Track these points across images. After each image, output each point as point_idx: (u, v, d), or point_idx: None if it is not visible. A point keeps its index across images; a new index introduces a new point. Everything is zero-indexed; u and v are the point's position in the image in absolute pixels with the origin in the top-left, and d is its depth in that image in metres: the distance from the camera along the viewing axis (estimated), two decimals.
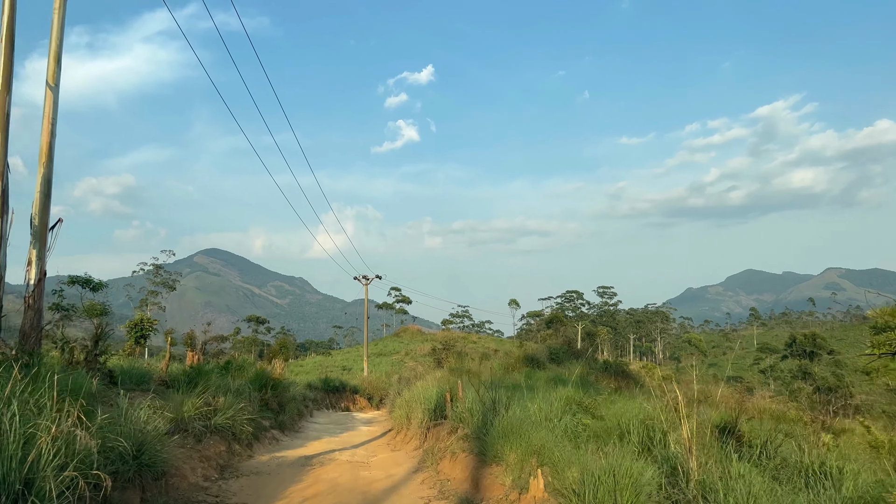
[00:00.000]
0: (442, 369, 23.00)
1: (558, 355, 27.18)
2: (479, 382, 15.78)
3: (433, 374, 20.46)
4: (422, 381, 18.89)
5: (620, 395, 12.60)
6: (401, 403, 15.93)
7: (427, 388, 15.92)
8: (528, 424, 7.96)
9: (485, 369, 22.17)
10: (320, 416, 21.44)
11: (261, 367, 15.47)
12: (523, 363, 24.45)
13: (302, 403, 19.16)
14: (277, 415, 15.03)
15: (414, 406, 14.77)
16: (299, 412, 17.50)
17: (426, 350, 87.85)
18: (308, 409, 19.95)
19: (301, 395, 19.88)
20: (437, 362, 24.38)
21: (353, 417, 21.27)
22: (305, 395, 21.54)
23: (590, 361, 25.97)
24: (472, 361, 23.80)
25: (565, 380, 20.16)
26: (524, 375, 19.93)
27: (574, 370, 24.80)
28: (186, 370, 12.62)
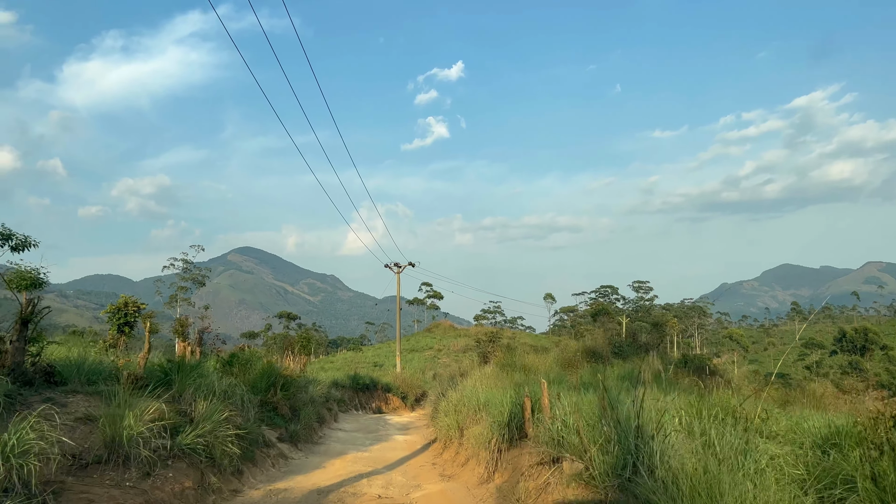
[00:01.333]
0: (489, 365, 19.47)
1: (622, 349, 23.47)
2: (551, 380, 12.28)
3: (480, 371, 16.93)
4: (470, 379, 15.39)
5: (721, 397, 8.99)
6: (446, 408, 12.47)
7: (480, 388, 12.38)
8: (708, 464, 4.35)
9: (541, 364, 18.58)
10: (347, 420, 18.12)
11: (268, 362, 12.21)
12: (584, 358, 20.77)
13: (324, 406, 15.82)
14: (289, 422, 11.67)
15: (465, 412, 11.28)
16: (319, 417, 14.16)
17: (459, 346, 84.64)
18: (332, 412, 16.60)
19: (323, 396, 16.55)
20: (483, 357, 20.77)
21: (385, 422, 17.88)
22: (329, 395, 18.22)
23: (661, 356, 22.22)
24: (524, 356, 20.26)
25: (645, 379, 16.46)
26: (590, 372, 16.39)
27: (645, 366, 21.02)
28: (163, 365, 9.33)
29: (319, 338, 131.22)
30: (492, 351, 20.55)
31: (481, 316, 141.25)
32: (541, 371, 18.04)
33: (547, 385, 9.48)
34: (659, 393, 10.01)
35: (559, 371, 18.68)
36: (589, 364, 19.93)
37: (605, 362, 20.46)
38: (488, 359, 20.70)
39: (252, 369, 12.30)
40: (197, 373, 8.89)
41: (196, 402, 7.96)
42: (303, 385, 13.87)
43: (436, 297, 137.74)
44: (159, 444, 6.59)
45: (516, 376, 15.45)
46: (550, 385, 12.35)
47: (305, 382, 15.07)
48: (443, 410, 12.86)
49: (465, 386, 13.67)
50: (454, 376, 17.33)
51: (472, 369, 20.41)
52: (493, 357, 20.47)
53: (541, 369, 18.13)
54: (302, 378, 13.43)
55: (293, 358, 17.77)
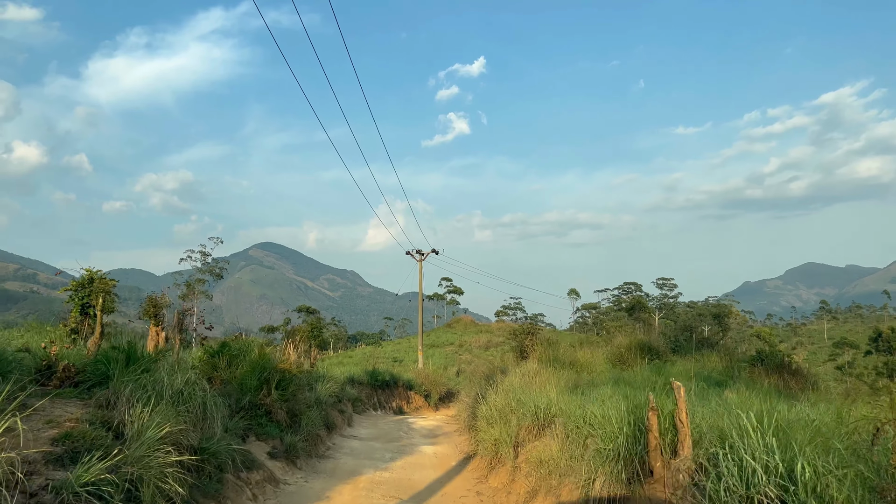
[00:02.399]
0: (529, 361, 16.62)
1: (680, 344, 20.42)
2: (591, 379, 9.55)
3: (521, 367, 14.05)
4: (512, 377, 12.57)
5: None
6: (488, 414, 9.67)
7: (536, 389, 9.55)
8: None
9: (595, 361, 15.69)
10: (364, 422, 15.40)
11: (259, 353, 9.48)
12: (638, 353, 17.81)
13: (335, 407, 13.11)
14: (285, 431, 8.94)
15: (517, 421, 8.47)
16: (329, 423, 11.42)
17: (481, 342, 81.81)
18: (345, 414, 13.88)
19: (335, 396, 13.82)
20: (520, 352, 17.85)
21: (408, 426, 15.11)
22: (343, 393, 15.52)
23: (728, 351, 19.13)
24: (570, 350, 17.37)
25: (715, 378, 13.51)
26: (652, 370, 13.53)
27: (709, 362, 17.94)
28: (106, 355, 6.64)
29: (339, 332, 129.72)
30: (530, 345, 17.59)
31: (502, 312, 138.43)
32: (594, 368, 15.17)
33: (651, 388, 6.67)
34: (749, 396, 7.16)
35: (611, 368, 15.84)
36: (644, 361, 17.01)
37: (663, 359, 17.46)
38: (527, 354, 17.77)
39: (244, 363, 9.61)
40: (144, 366, 6.16)
41: (133, 408, 5.24)
42: (307, 382, 11.15)
43: (456, 293, 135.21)
44: (49, 482, 3.88)
45: (566, 374, 12.62)
46: (615, 386, 9.52)
47: (311, 379, 12.37)
48: (484, 417, 10.05)
49: (511, 386, 10.83)
50: (492, 373, 14.47)
51: (510, 365, 17.55)
52: (533, 352, 17.58)
53: (595, 366, 15.25)
54: (304, 374, 10.67)
55: (297, 350, 15.09)
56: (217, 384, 9.59)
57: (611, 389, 8.93)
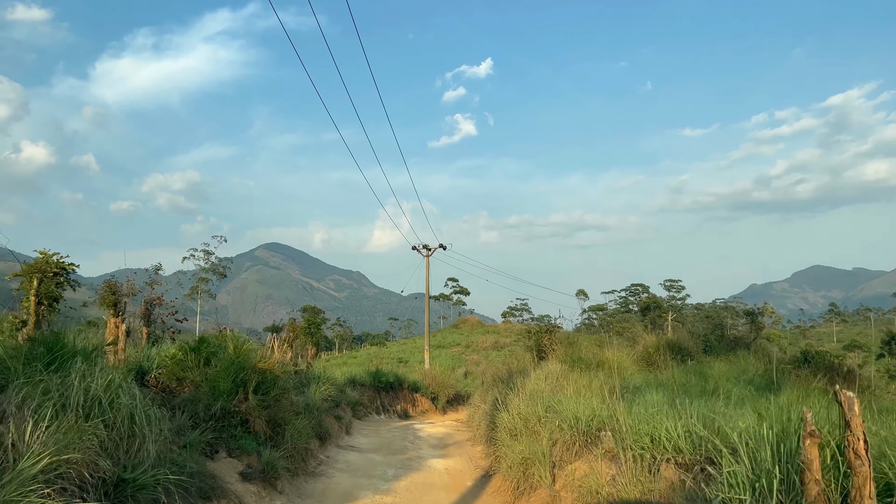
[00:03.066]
0: (549, 361, 14.96)
1: (710, 343, 18.71)
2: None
3: (543, 368, 12.37)
4: (536, 380, 10.90)
5: None
6: (511, 424, 8.03)
7: (569, 395, 7.88)
8: None
9: (625, 361, 14.01)
10: (365, 429, 13.75)
11: (234, 350, 7.80)
12: (667, 353, 16.12)
13: (331, 413, 11.46)
14: (265, 445, 7.30)
15: (548, 434, 6.82)
16: (322, 432, 9.77)
17: (489, 343, 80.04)
18: (343, 420, 12.22)
19: (331, 399, 12.17)
20: (538, 351, 16.14)
21: (415, 434, 13.44)
22: (341, 397, 13.88)
23: (764, 352, 17.42)
24: (593, 350, 15.68)
25: (757, 382, 11.76)
26: (684, 372, 11.93)
27: (746, 364, 16.12)
28: (29, 350, 5.02)
29: (344, 333, 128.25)
30: (548, 344, 15.89)
31: (508, 313, 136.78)
32: (625, 370, 13.48)
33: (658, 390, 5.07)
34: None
35: (638, 370, 14.19)
36: (674, 362, 15.31)
37: (696, 360, 15.77)
38: (545, 353, 16.07)
39: (218, 361, 7.98)
40: (60, 364, 4.53)
41: (24, 424, 3.61)
42: (297, 385, 9.53)
43: (462, 293, 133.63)
44: None
45: (597, 377, 10.93)
46: (649, 390, 7.84)
47: (304, 381, 10.73)
48: (505, 427, 8.40)
49: (536, 390, 9.17)
50: (511, 374, 12.79)
51: (527, 366, 15.89)
52: (552, 352, 15.90)
53: (626, 368, 13.56)
54: (294, 374, 8.99)
55: (290, 348, 13.46)
56: (188, 388, 7.98)
57: (659, 396, 7.29)
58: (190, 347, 8.96)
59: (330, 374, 16.76)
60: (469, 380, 37.77)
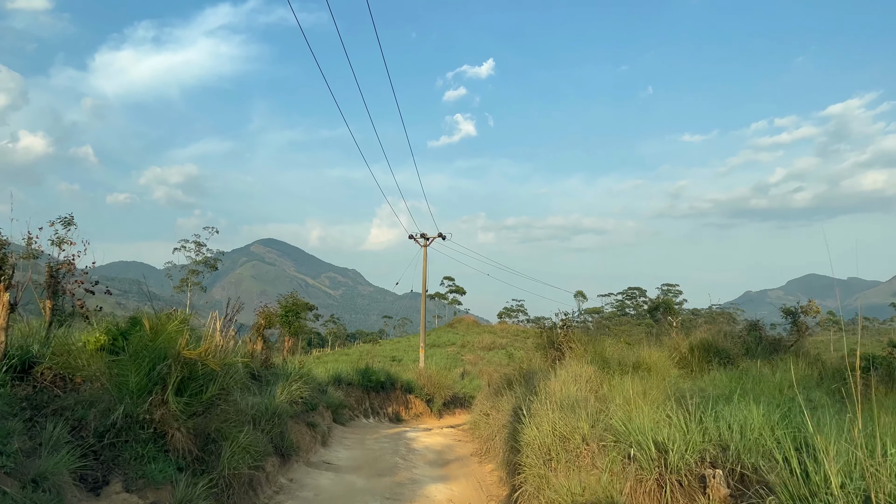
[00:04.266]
0: (569, 361, 12.61)
1: (748, 345, 16.43)
2: None
3: (568, 369, 9.99)
4: (565, 384, 8.55)
5: None
6: (543, 445, 5.68)
7: (638, 408, 5.57)
8: None
9: (663, 363, 11.69)
10: (347, 438, 11.36)
11: (154, 330, 5.48)
12: (702, 357, 13.84)
13: (302, 420, 9.06)
14: (187, 470, 4.92)
15: (597, 464, 4.49)
16: (285, 447, 7.36)
17: (485, 343, 77.73)
18: (318, 428, 9.81)
19: (304, 403, 9.77)
20: (553, 350, 13.76)
21: (407, 445, 11.03)
22: (319, 398, 11.49)
23: (813, 356, 15.15)
24: (620, 348, 13.32)
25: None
26: (729, 379, 9.73)
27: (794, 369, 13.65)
28: None
29: (338, 330, 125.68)
30: (565, 341, 13.51)
31: (504, 313, 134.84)
32: (666, 373, 11.15)
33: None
34: None
35: (683, 375, 11.91)
36: (712, 365, 13.04)
37: (736, 363, 13.42)
38: (562, 351, 13.69)
39: (131, 345, 5.62)
40: None
41: None
42: (262, 383, 7.16)
43: (458, 292, 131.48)
44: None
45: (642, 382, 8.60)
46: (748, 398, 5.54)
47: (269, 379, 8.35)
48: (532, 444, 6.07)
49: (570, 395, 6.84)
50: (529, 375, 10.41)
51: (541, 366, 13.52)
52: (570, 350, 13.54)
53: (668, 370, 11.24)
54: (234, 368, 6.56)
55: (256, 338, 11.12)
56: (96, 384, 5.61)
57: (758, 411, 5.01)
58: (114, 329, 6.65)
59: (311, 370, 14.39)
60: (467, 381, 35.39)
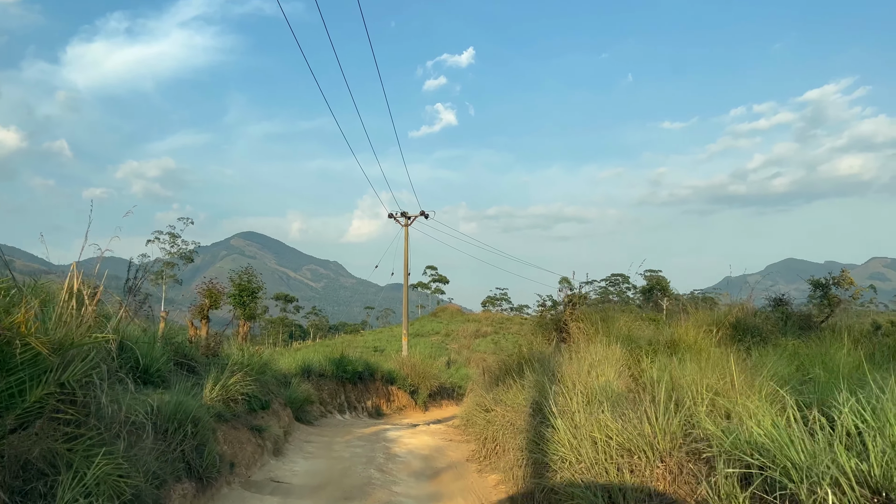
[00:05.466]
0: (577, 342, 10.52)
1: (777, 324, 14.59)
2: None
3: (591, 351, 7.86)
4: (584, 368, 6.42)
5: None
6: (588, 458, 3.57)
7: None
8: None
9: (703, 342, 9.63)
10: (311, 442, 9.15)
11: None
12: (732, 335, 11.81)
13: (244, 423, 6.81)
14: None
15: None
16: (205, 467, 5.13)
17: (469, 331, 75.95)
18: (267, 433, 7.56)
19: (250, 401, 7.52)
20: (556, 330, 11.65)
21: (387, 447, 8.84)
22: (275, 394, 9.25)
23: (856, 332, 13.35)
24: (639, 326, 11.28)
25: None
26: (794, 358, 7.60)
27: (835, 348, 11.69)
28: None
29: (320, 322, 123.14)
30: (572, 320, 11.37)
31: (488, 301, 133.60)
32: (705, 353, 9.09)
33: None
34: None
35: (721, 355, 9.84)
36: (740, 345, 10.91)
37: (770, 342, 11.34)
38: (568, 331, 11.58)
39: None
40: None
41: None
42: (192, 376, 4.93)
43: (441, 281, 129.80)
44: None
45: (693, 365, 6.55)
46: None
47: (214, 368, 6.13)
48: (572, 460, 3.94)
49: (607, 387, 4.72)
50: (543, 358, 8.24)
51: (546, 350, 11.41)
52: (579, 330, 11.47)
53: (706, 351, 9.18)
54: (101, 346, 4.37)
55: (199, 320, 8.90)
56: None
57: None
58: None
59: (273, 360, 12.11)
60: (453, 369, 33.30)
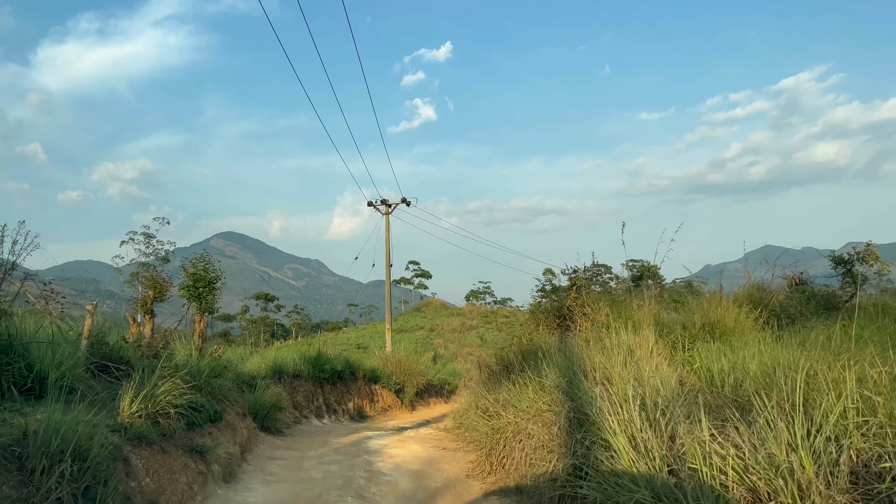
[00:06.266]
0: (585, 330, 9.09)
1: (801, 305, 13.38)
2: None
3: (613, 338, 6.40)
4: (617, 365, 4.95)
5: None
6: None
7: None
8: None
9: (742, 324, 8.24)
10: (276, 458, 7.59)
11: None
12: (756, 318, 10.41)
13: (181, 446, 5.20)
14: None
15: None
16: None
17: (454, 325, 74.52)
18: (210, 456, 5.95)
19: (190, 415, 5.91)
20: (556, 318, 10.15)
21: (368, 462, 7.30)
22: (232, 401, 7.65)
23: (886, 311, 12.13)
24: (658, 310, 9.87)
25: None
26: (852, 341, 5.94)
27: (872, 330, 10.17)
28: None
29: (302, 321, 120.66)
30: (577, 306, 9.90)
31: (472, 295, 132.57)
32: (746, 336, 7.72)
33: None
34: None
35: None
36: (766, 327, 9.50)
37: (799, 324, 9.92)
38: (573, 319, 10.11)
39: None
40: None
41: None
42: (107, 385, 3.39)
43: (423, 276, 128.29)
44: None
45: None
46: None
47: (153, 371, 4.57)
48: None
49: (662, 389, 3.28)
50: (565, 349, 6.73)
51: (546, 340, 9.94)
52: (583, 317, 10.06)
53: (748, 335, 7.79)
54: None
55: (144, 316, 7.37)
56: None
57: None
58: None
59: (232, 361, 10.49)
60: (440, 365, 31.76)
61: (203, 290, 10.27)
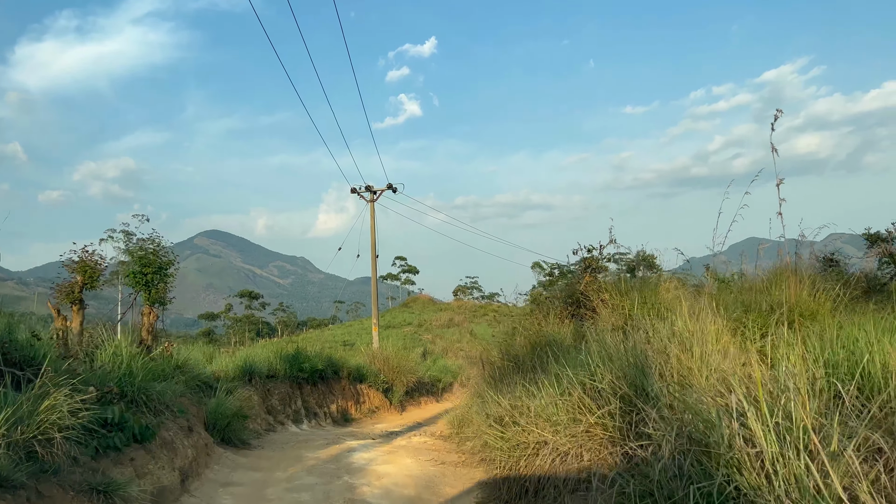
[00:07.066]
0: (596, 318, 7.63)
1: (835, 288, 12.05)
2: None
3: (665, 329, 4.93)
4: (695, 370, 3.46)
5: None
6: None
7: None
8: None
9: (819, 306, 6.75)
10: (233, 482, 6.04)
11: None
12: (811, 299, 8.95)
13: (69, 483, 3.61)
14: None
15: None
16: None
17: (443, 321, 72.97)
18: (114, 499, 4.36)
19: (71, 440, 4.31)
20: (568, 305, 8.62)
21: (349, 485, 5.78)
22: (184, 407, 6.05)
23: None
24: (674, 296, 8.45)
25: None
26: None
27: None
28: None
29: (288, 319, 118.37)
30: (594, 291, 8.32)
31: (459, 290, 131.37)
32: (823, 321, 6.26)
33: None
34: None
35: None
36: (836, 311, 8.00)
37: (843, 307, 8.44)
38: (587, 308, 8.56)
39: None
40: None
41: None
42: None
43: (410, 272, 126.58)
44: None
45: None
46: None
47: None
48: None
49: None
50: (616, 343, 5.25)
51: (557, 331, 8.46)
52: (600, 304, 8.55)
53: (823, 319, 6.35)
54: None
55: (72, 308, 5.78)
56: None
57: None
58: None
59: (181, 357, 8.89)
60: (430, 361, 30.24)
61: (153, 277, 8.69)
